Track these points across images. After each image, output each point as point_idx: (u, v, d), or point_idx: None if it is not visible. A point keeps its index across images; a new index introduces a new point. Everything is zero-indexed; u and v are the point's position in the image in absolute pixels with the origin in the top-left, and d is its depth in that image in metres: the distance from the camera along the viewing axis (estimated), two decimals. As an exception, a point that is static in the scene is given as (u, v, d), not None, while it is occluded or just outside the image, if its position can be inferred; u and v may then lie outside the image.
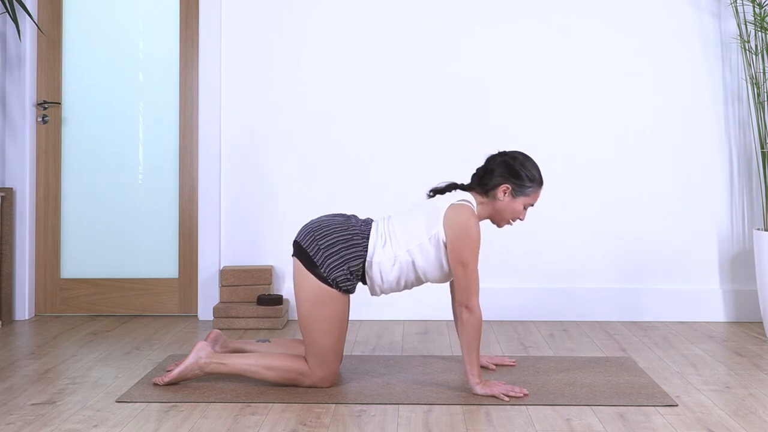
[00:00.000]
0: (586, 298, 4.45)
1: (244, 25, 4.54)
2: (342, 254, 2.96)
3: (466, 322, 2.95)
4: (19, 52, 4.47)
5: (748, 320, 4.43)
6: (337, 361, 3.04)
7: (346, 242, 2.98)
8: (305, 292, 2.99)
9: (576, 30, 4.50)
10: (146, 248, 4.60)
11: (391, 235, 3.01)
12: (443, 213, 2.97)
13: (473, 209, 3.00)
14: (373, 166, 4.51)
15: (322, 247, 2.97)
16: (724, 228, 4.47)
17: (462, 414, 2.77)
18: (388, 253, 2.99)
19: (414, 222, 3.02)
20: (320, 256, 2.96)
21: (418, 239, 2.99)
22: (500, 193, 3.05)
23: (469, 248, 2.94)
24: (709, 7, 4.48)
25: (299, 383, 3.04)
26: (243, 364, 3.04)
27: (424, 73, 4.51)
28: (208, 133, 4.51)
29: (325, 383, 3.04)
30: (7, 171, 4.49)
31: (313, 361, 3.02)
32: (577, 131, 4.49)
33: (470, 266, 2.94)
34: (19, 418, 2.72)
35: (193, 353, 3.06)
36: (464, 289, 2.94)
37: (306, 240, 3.01)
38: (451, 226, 2.95)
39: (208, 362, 3.05)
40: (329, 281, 2.96)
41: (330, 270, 2.96)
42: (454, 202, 3.00)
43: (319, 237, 2.99)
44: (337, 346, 3.02)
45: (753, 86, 4.22)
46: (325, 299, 2.97)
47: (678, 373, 3.33)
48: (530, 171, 3.06)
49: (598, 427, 2.64)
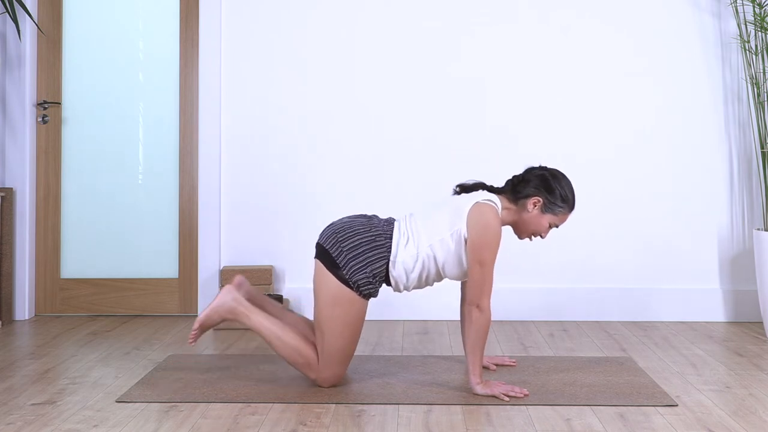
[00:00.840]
0: (586, 298, 4.45)
1: (244, 25, 4.54)
2: (366, 256, 2.96)
3: (475, 322, 2.94)
4: (19, 52, 4.48)
5: (748, 320, 4.43)
6: (343, 364, 3.04)
7: (369, 244, 2.98)
8: (325, 292, 2.99)
9: (576, 30, 4.50)
10: (146, 248, 4.60)
11: (413, 232, 3.01)
12: (467, 210, 2.98)
13: (497, 211, 3.00)
14: (373, 166, 4.51)
15: (346, 249, 2.97)
16: (724, 228, 4.47)
17: (462, 414, 2.77)
18: (411, 250, 2.99)
19: (437, 218, 3.02)
20: (343, 258, 2.96)
21: (440, 235, 2.99)
22: (530, 204, 3.05)
23: (489, 248, 2.94)
24: (709, 7, 4.48)
25: (302, 371, 3.05)
26: (264, 326, 3.05)
27: (424, 73, 4.51)
28: (208, 133, 4.51)
29: (326, 383, 3.05)
30: (7, 171, 4.49)
31: (322, 360, 3.02)
32: (576, 131, 4.49)
33: (488, 266, 2.94)
34: (19, 418, 2.72)
35: (222, 294, 3.09)
36: (478, 288, 2.94)
37: (329, 242, 3.00)
38: (474, 226, 2.95)
39: (235, 306, 3.07)
40: (350, 284, 2.96)
41: (353, 272, 2.95)
42: (480, 201, 3.00)
43: (342, 239, 2.99)
44: (347, 350, 3.02)
45: (753, 86, 4.22)
46: (344, 301, 2.97)
47: (678, 373, 3.33)
48: (565, 191, 3.06)
49: (598, 427, 2.64)
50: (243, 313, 3.08)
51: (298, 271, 4.51)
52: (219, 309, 3.10)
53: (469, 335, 2.96)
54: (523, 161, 4.48)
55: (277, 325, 3.06)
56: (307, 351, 3.03)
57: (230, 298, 3.10)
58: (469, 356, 2.97)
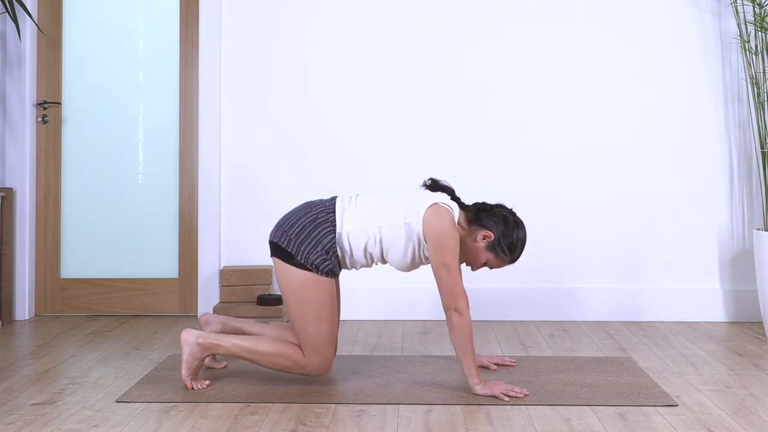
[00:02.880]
0: (586, 298, 4.45)
1: (244, 25, 4.54)
2: (313, 236, 3.00)
3: (457, 326, 2.95)
4: (19, 52, 4.48)
5: (748, 320, 4.43)
6: (331, 347, 3.04)
7: (312, 223, 3.03)
8: (290, 285, 3.01)
9: (575, 30, 4.49)
10: (146, 248, 4.60)
11: (360, 207, 3.05)
12: (425, 208, 3.00)
13: (453, 217, 3.03)
14: (373, 166, 4.51)
15: (293, 236, 3.01)
16: (724, 228, 4.47)
17: (462, 414, 2.77)
18: (358, 225, 3.02)
19: (393, 205, 3.05)
20: (293, 246, 3.00)
21: (393, 221, 3.02)
22: (481, 235, 3.06)
23: (449, 250, 2.96)
24: (709, 7, 4.48)
25: (294, 371, 3.05)
26: (237, 347, 3.03)
27: (424, 73, 4.51)
28: (208, 133, 4.51)
29: (321, 371, 3.05)
30: (7, 171, 4.49)
31: (308, 351, 3.03)
32: (575, 132, 4.49)
33: (453, 268, 2.96)
34: (19, 418, 2.72)
35: (184, 341, 3.03)
36: (450, 292, 2.95)
37: (277, 236, 3.05)
38: (431, 229, 2.98)
39: (203, 342, 3.02)
40: (308, 266, 2.99)
41: (306, 254, 2.99)
42: (438, 203, 3.02)
43: (287, 229, 3.04)
44: (330, 332, 3.03)
45: (753, 86, 4.22)
46: (310, 286, 3.00)
47: (678, 373, 3.33)
48: (517, 243, 3.08)
49: (598, 427, 2.64)
50: (213, 345, 3.03)
51: (298, 271, 4.51)
52: (190, 357, 3.03)
53: (456, 340, 2.96)
54: (523, 161, 4.49)
55: (249, 340, 3.05)
56: (287, 351, 3.03)
57: (192, 340, 3.04)
58: (462, 360, 2.97)
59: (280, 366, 3.05)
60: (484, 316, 4.45)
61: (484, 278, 4.46)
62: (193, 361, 3.04)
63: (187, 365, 3.04)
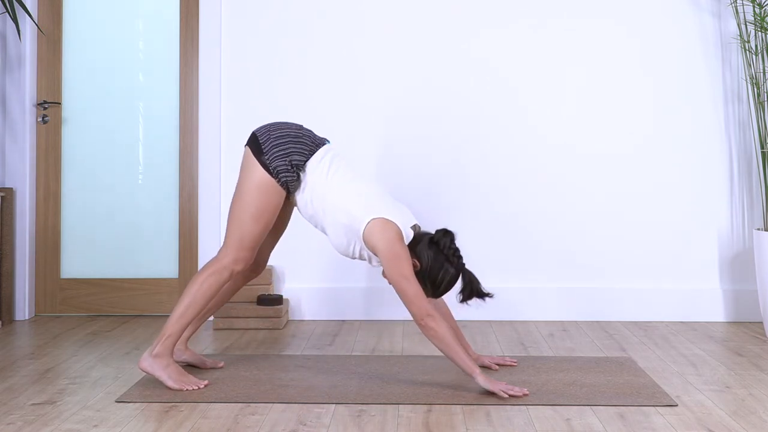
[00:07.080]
0: (586, 298, 4.45)
1: (244, 25, 4.54)
2: (289, 147, 3.11)
3: (437, 332, 2.95)
4: (19, 52, 4.48)
5: (748, 320, 4.43)
6: (253, 251, 3.13)
7: (294, 138, 3.14)
8: (248, 177, 3.12)
9: (575, 30, 4.49)
10: (146, 248, 4.60)
11: (330, 177, 3.12)
12: (367, 221, 3.03)
13: (400, 232, 3.04)
14: (374, 166, 4.51)
15: (272, 138, 3.13)
16: (724, 228, 4.47)
17: (462, 414, 2.77)
18: (316, 187, 3.11)
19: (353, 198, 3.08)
20: (268, 144, 3.11)
21: (341, 216, 3.08)
22: (415, 260, 3.08)
23: (405, 260, 2.99)
24: (709, 7, 4.48)
25: (218, 284, 3.09)
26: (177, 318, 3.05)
27: (427, 73, 4.51)
28: (208, 133, 4.51)
29: (237, 265, 3.11)
30: (7, 171, 4.49)
31: (230, 243, 3.10)
32: (575, 132, 4.49)
33: (411, 278, 2.98)
34: (19, 418, 2.72)
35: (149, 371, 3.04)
36: (416, 303, 2.96)
37: (261, 131, 3.17)
38: (380, 240, 3.01)
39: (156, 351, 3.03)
40: (270, 169, 3.09)
41: (273, 158, 3.09)
42: (386, 218, 3.04)
43: (272, 130, 3.16)
44: (260, 235, 3.12)
45: (753, 86, 4.22)
46: (266, 189, 3.10)
47: (678, 373, 3.33)
48: (443, 285, 3.09)
49: (598, 427, 2.64)
50: (163, 341, 3.04)
51: (298, 271, 4.52)
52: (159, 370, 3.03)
53: (441, 346, 2.96)
54: (523, 161, 4.49)
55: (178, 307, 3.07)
56: (205, 275, 3.08)
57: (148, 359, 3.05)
58: (455, 359, 2.96)
59: (210, 287, 3.07)
60: (484, 316, 4.45)
61: (484, 278, 4.46)
62: (164, 370, 3.03)
63: (166, 377, 3.02)
